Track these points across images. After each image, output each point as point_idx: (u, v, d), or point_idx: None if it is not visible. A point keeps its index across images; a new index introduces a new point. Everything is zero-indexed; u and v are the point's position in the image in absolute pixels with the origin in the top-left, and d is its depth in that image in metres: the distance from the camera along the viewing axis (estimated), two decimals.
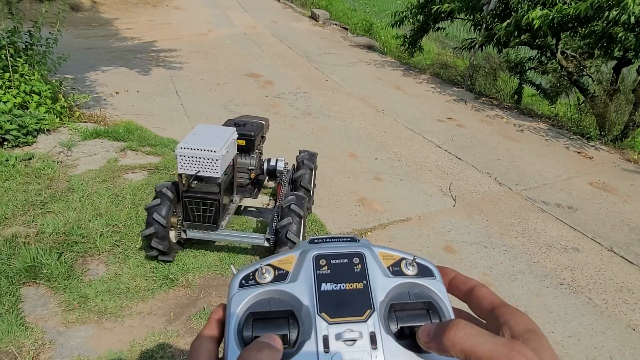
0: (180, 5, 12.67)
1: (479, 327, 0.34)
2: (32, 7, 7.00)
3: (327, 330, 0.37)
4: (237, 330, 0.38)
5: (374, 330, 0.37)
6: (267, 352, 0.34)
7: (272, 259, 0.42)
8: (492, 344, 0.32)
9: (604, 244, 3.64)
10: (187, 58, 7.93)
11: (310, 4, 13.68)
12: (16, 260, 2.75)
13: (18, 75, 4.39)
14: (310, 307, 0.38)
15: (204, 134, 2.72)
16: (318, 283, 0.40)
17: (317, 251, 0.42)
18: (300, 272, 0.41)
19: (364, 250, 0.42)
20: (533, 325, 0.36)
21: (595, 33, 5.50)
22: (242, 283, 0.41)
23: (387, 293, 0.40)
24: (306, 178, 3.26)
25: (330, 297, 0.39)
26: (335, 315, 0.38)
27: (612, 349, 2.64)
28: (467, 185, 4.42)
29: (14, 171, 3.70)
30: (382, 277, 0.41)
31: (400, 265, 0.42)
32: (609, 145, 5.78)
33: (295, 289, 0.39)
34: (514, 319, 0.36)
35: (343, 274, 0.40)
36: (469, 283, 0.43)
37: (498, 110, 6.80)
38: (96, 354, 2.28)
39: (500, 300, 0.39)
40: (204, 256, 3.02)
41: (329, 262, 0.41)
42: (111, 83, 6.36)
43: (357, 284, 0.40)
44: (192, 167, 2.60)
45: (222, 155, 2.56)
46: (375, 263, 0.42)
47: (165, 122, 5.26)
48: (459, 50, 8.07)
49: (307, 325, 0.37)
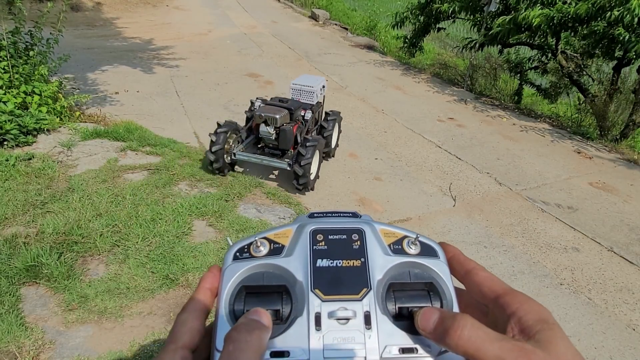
0: (180, 5, 12.67)
1: (485, 327, 0.32)
2: (32, 7, 7.00)
3: (320, 307, 0.36)
4: (229, 303, 0.37)
5: (369, 309, 0.36)
6: (257, 334, 0.32)
7: (269, 232, 0.41)
8: (499, 350, 0.30)
9: (604, 244, 3.64)
10: (187, 58, 7.93)
11: (310, 4, 13.68)
12: (16, 260, 2.75)
13: (18, 76, 4.39)
14: (304, 283, 0.37)
15: (307, 78, 4.51)
16: (313, 259, 0.38)
17: (315, 226, 0.41)
18: (296, 246, 0.39)
19: (364, 227, 0.41)
20: (545, 314, 0.33)
21: (596, 33, 5.50)
22: (236, 255, 0.40)
23: (386, 272, 0.38)
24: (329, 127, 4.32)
25: (325, 273, 0.37)
26: (330, 292, 0.36)
27: (612, 349, 2.64)
28: (467, 185, 4.42)
29: (14, 171, 3.70)
30: (382, 255, 0.39)
31: (402, 243, 0.41)
32: (609, 145, 5.78)
33: (290, 263, 0.38)
34: (522, 308, 0.33)
35: (340, 251, 0.39)
36: (466, 265, 0.40)
37: (498, 110, 6.80)
38: (96, 354, 2.28)
39: (504, 287, 0.36)
40: (203, 256, 3.02)
41: (326, 238, 0.40)
42: (111, 83, 6.36)
43: (355, 261, 0.38)
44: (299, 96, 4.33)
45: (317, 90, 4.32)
46: (376, 240, 0.40)
47: (165, 122, 5.26)
48: (459, 50, 8.07)
49: (300, 302, 0.36)
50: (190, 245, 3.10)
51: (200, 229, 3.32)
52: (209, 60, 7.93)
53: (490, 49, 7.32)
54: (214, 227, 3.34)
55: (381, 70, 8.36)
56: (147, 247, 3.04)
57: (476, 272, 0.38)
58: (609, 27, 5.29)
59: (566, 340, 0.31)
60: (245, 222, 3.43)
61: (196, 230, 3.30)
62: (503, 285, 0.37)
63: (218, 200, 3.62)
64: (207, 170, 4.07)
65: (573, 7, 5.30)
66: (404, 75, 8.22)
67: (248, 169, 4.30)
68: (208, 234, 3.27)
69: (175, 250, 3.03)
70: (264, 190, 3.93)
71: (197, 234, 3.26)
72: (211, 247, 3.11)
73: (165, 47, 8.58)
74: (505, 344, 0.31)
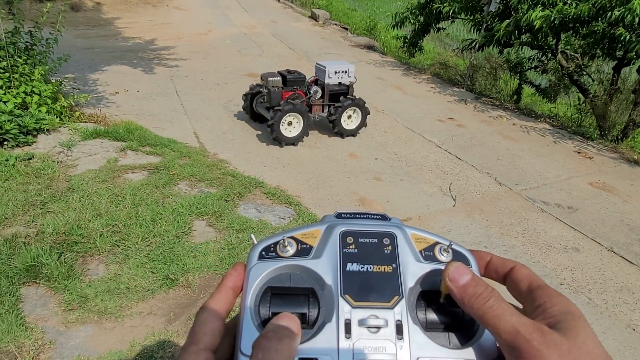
0: (180, 5, 12.67)
1: (511, 305, 0.32)
2: (32, 7, 7.00)
3: (350, 314, 0.34)
4: (254, 305, 0.36)
5: (400, 318, 0.34)
6: (287, 342, 0.31)
7: (296, 231, 0.40)
8: (517, 322, 0.31)
9: (604, 244, 3.64)
10: (187, 58, 7.93)
11: (310, 4, 13.68)
12: (16, 260, 2.75)
13: (18, 76, 4.39)
14: (333, 287, 0.36)
15: (330, 61, 5.31)
16: (343, 262, 0.37)
17: (345, 227, 0.39)
18: (325, 248, 0.38)
19: (395, 231, 0.39)
20: (572, 308, 0.32)
21: (596, 33, 5.50)
22: (261, 254, 0.38)
23: (418, 280, 0.37)
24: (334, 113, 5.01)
25: (355, 278, 0.36)
26: (360, 298, 0.35)
27: (612, 349, 2.63)
28: (467, 185, 4.42)
29: (14, 171, 3.70)
30: (414, 262, 0.38)
31: (433, 250, 0.39)
32: (609, 145, 5.78)
33: (319, 266, 0.37)
34: (550, 301, 0.33)
35: (371, 255, 0.37)
36: (507, 265, 0.39)
37: (498, 110, 6.79)
38: (96, 354, 2.28)
39: (539, 282, 0.36)
40: (203, 256, 3.02)
41: (356, 241, 0.38)
42: (111, 83, 6.36)
43: (386, 267, 0.37)
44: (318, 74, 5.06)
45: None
46: (407, 246, 0.39)
47: (165, 122, 5.26)
48: (459, 50, 8.07)
49: (328, 307, 0.35)
50: (190, 245, 3.10)
51: (200, 229, 3.32)
52: (209, 60, 7.93)
53: (490, 49, 7.32)
54: (214, 227, 3.34)
55: (381, 70, 8.36)
56: (147, 247, 3.04)
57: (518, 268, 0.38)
58: (609, 27, 5.28)
59: (589, 331, 0.31)
60: (245, 222, 3.43)
61: (196, 230, 3.30)
62: (539, 281, 0.37)
63: (218, 200, 3.62)
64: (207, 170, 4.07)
65: (574, 8, 5.30)
66: (404, 75, 8.22)
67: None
68: (208, 234, 3.27)
69: (175, 250, 3.03)
70: (264, 190, 3.93)
71: (197, 234, 3.26)
72: (211, 247, 3.11)
73: (165, 47, 8.58)
74: (523, 319, 0.31)
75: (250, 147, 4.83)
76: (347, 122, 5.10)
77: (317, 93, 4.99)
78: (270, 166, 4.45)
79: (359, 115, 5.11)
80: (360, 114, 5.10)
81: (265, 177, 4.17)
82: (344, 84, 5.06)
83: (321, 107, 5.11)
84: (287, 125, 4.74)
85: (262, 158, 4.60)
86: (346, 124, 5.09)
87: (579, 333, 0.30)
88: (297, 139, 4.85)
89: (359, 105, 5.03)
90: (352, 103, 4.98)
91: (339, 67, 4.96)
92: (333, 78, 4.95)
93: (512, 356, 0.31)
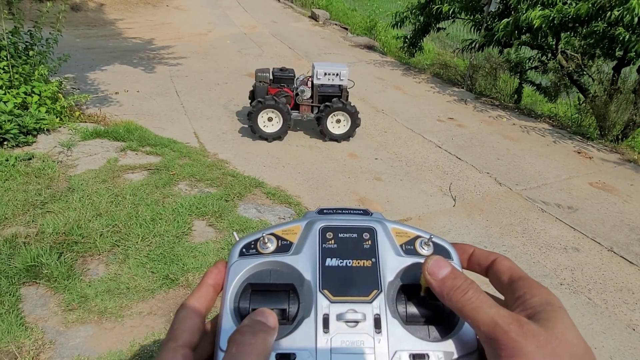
0: (180, 5, 12.67)
1: (488, 296, 0.32)
2: (32, 7, 7.00)
3: (328, 309, 0.34)
4: (234, 301, 0.36)
5: (379, 312, 0.35)
6: (262, 336, 0.31)
7: (277, 227, 0.40)
8: (495, 314, 0.31)
9: (604, 244, 3.64)
10: (187, 58, 7.93)
11: (310, 4, 13.68)
12: (16, 260, 2.75)
13: (18, 76, 4.39)
14: (312, 283, 0.36)
15: (323, 63, 5.01)
16: (323, 257, 0.37)
17: (325, 223, 0.39)
18: (305, 244, 0.38)
19: (375, 225, 0.39)
20: (551, 298, 0.33)
21: (596, 33, 5.50)
22: (242, 252, 0.39)
23: (398, 273, 0.37)
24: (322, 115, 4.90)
25: (334, 273, 0.36)
26: (339, 293, 0.35)
27: (612, 349, 2.64)
28: (467, 185, 4.42)
29: (14, 171, 3.70)
30: (393, 256, 0.38)
31: (414, 243, 0.39)
32: (609, 145, 5.78)
33: (298, 262, 0.37)
34: (530, 292, 0.33)
35: (351, 250, 0.38)
36: (489, 257, 0.39)
37: (498, 110, 6.80)
38: (96, 354, 2.28)
39: (521, 273, 0.36)
40: (203, 256, 3.02)
41: (336, 236, 0.38)
42: (111, 83, 6.36)
43: (365, 261, 0.37)
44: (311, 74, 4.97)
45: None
46: (387, 240, 0.39)
47: (165, 122, 5.26)
48: (459, 50, 8.07)
49: (307, 302, 0.35)
50: (190, 245, 3.10)
51: (200, 229, 3.32)
52: (209, 60, 7.93)
53: (490, 49, 7.32)
54: (214, 227, 3.34)
55: (381, 70, 8.37)
56: (147, 247, 3.04)
57: (500, 260, 0.38)
58: (609, 27, 5.28)
59: (568, 322, 0.31)
60: (245, 222, 3.43)
61: (196, 230, 3.30)
62: (520, 272, 0.37)
63: (218, 200, 3.62)
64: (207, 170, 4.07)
65: (573, 8, 5.30)
66: (404, 75, 8.22)
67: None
68: (208, 234, 3.28)
69: (175, 250, 3.03)
70: (264, 190, 3.93)
71: (197, 234, 3.26)
72: (211, 247, 3.11)
73: (165, 47, 8.58)
74: (502, 311, 0.31)
75: (250, 147, 4.83)
76: (335, 126, 4.94)
77: (305, 93, 4.90)
78: (270, 166, 4.45)
79: (348, 123, 4.93)
80: (350, 121, 4.92)
81: (265, 177, 4.17)
82: (337, 86, 4.90)
83: (310, 107, 4.99)
84: (266, 120, 4.78)
85: (262, 158, 4.60)
86: (332, 127, 4.93)
87: (558, 324, 0.30)
88: (272, 135, 4.83)
89: (349, 112, 4.83)
90: (342, 107, 4.80)
91: (330, 69, 4.80)
92: (322, 79, 4.82)
93: (490, 348, 0.31)
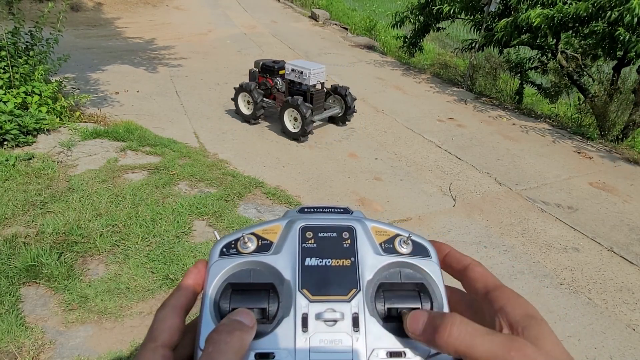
0: (180, 5, 12.67)
1: (474, 323, 0.32)
2: (32, 7, 7.01)
3: (307, 308, 0.35)
4: (214, 301, 0.36)
5: (357, 311, 0.35)
6: (238, 335, 0.31)
7: (257, 227, 0.40)
8: (490, 344, 0.30)
9: (604, 244, 3.64)
10: (187, 58, 7.93)
11: (310, 4, 13.68)
12: (16, 260, 2.75)
13: (19, 76, 4.39)
14: (291, 282, 0.36)
15: (299, 62, 5.32)
16: (302, 257, 0.37)
17: (304, 222, 0.39)
18: (285, 243, 0.38)
19: (355, 225, 0.39)
20: (532, 310, 0.33)
21: (596, 33, 5.50)
22: (222, 251, 0.39)
23: (376, 272, 0.37)
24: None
25: (313, 273, 0.36)
26: (318, 293, 0.35)
27: (612, 349, 2.64)
28: (467, 185, 4.42)
29: (14, 171, 3.70)
30: (372, 255, 0.38)
31: (393, 242, 0.39)
32: (609, 145, 5.78)
33: (278, 261, 0.37)
34: (509, 304, 0.33)
35: (330, 249, 0.38)
36: (463, 261, 0.39)
37: (498, 110, 6.80)
38: (96, 354, 2.28)
39: (495, 282, 0.36)
40: (203, 256, 3.01)
41: (315, 235, 0.38)
42: (111, 83, 6.36)
43: (345, 260, 0.37)
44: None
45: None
46: (367, 239, 0.39)
47: (165, 122, 5.26)
48: (459, 51, 8.07)
49: (287, 301, 0.35)
50: (190, 245, 3.10)
51: (200, 229, 3.32)
52: (209, 60, 7.93)
53: (490, 49, 7.32)
54: (214, 227, 3.34)
55: (381, 70, 8.36)
56: (147, 247, 3.04)
57: (472, 267, 0.38)
58: (609, 27, 5.28)
59: (553, 336, 0.31)
60: (245, 222, 3.43)
61: (196, 230, 3.30)
62: (495, 281, 0.36)
63: (218, 200, 3.62)
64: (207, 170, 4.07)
65: (573, 7, 5.30)
66: (404, 75, 8.22)
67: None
68: (208, 234, 3.27)
69: (175, 250, 3.03)
70: (264, 190, 3.93)
71: (197, 234, 3.26)
72: (211, 247, 3.10)
73: (165, 47, 8.58)
74: (495, 337, 0.31)
75: (250, 147, 4.83)
76: (292, 123, 4.99)
77: (279, 85, 5.20)
78: (270, 166, 4.45)
79: (299, 124, 4.88)
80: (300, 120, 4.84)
81: (265, 177, 4.17)
82: (304, 84, 4.96)
83: (282, 101, 5.09)
84: (246, 102, 5.29)
85: (262, 158, 4.60)
86: (288, 123, 5.00)
87: (546, 340, 0.31)
88: (246, 117, 5.30)
89: (294, 106, 4.78)
90: (287, 104, 4.84)
91: (298, 65, 4.97)
92: (290, 74, 5.02)
93: None
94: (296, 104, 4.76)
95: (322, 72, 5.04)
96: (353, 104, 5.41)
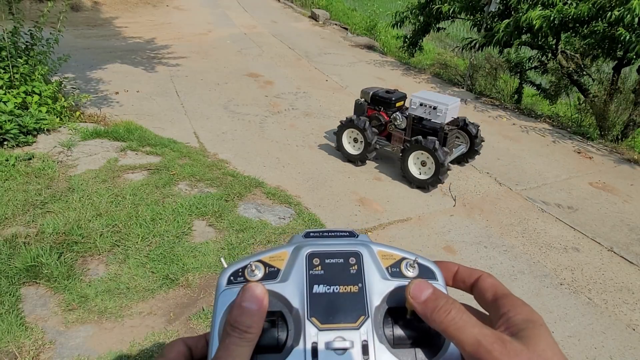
0: (180, 5, 12.67)
1: (473, 316, 0.33)
2: (32, 7, 7.01)
3: (316, 337, 0.35)
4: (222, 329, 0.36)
5: (366, 338, 0.35)
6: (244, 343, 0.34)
7: (264, 254, 0.40)
8: (478, 333, 0.31)
9: (604, 244, 3.64)
10: (187, 58, 7.93)
11: (310, 4, 13.67)
12: (16, 260, 2.75)
13: (19, 75, 4.39)
14: (300, 311, 0.36)
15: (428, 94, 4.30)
16: (310, 284, 0.37)
17: (311, 249, 0.39)
18: (292, 271, 0.38)
19: (361, 250, 0.40)
20: (534, 316, 0.34)
21: (596, 33, 5.50)
22: (230, 280, 0.39)
23: (384, 297, 0.38)
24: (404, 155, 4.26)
25: (322, 300, 0.37)
26: (326, 321, 0.36)
27: (612, 349, 2.64)
28: (467, 185, 4.42)
29: (14, 171, 3.70)
30: (379, 280, 0.38)
31: (400, 266, 0.40)
32: (609, 145, 5.78)
33: (286, 289, 0.37)
34: (513, 310, 0.34)
35: (337, 276, 0.38)
36: (473, 275, 0.40)
37: (498, 110, 6.79)
38: (96, 354, 2.28)
39: (504, 291, 0.37)
40: (203, 256, 3.02)
41: (322, 262, 0.39)
42: (111, 83, 6.36)
43: (352, 286, 0.37)
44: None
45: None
46: (373, 264, 0.39)
47: (165, 122, 5.26)
48: (459, 50, 8.07)
49: (296, 330, 0.36)
50: (190, 245, 3.10)
51: (200, 229, 3.32)
52: (209, 60, 7.93)
53: (490, 49, 7.32)
54: (214, 227, 3.34)
55: (381, 70, 8.36)
56: (147, 247, 3.04)
57: (483, 278, 0.39)
58: (609, 27, 5.28)
59: (550, 340, 0.32)
60: (245, 222, 3.43)
61: (196, 230, 3.30)
62: (504, 290, 0.37)
63: (218, 200, 3.62)
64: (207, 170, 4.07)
65: (573, 8, 5.30)
66: (404, 75, 8.22)
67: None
68: (208, 234, 3.28)
69: (175, 250, 3.03)
70: (264, 190, 3.93)
71: (197, 234, 3.26)
72: (211, 247, 3.11)
73: (165, 47, 8.58)
74: (485, 330, 0.32)
75: (250, 147, 4.83)
76: (419, 169, 4.17)
77: (398, 120, 4.30)
78: (270, 166, 4.45)
79: (433, 169, 4.03)
80: (434, 164, 3.99)
81: (265, 177, 4.17)
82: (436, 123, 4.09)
83: (402, 140, 4.33)
84: (353, 141, 4.49)
85: (262, 158, 4.60)
86: (414, 169, 4.18)
87: (540, 342, 0.31)
88: (353, 157, 4.50)
89: (429, 149, 3.94)
90: (415, 146, 4.02)
91: (428, 99, 4.07)
92: (417, 109, 4.13)
93: None
94: (433, 147, 3.90)
95: (457, 106, 4.16)
96: (480, 145, 4.56)
